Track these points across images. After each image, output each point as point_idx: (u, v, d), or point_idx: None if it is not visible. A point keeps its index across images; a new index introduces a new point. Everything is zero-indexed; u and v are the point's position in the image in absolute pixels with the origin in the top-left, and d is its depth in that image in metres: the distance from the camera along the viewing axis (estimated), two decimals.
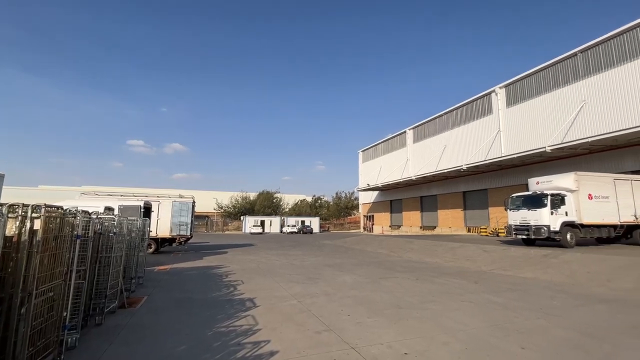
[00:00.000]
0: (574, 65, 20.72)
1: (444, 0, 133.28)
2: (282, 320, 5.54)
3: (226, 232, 52.63)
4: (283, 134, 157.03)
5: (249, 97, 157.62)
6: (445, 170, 27.28)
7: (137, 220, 8.40)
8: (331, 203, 70.26)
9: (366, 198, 46.66)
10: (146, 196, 16.63)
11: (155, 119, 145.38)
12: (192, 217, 17.37)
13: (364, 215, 48.01)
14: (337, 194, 69.58)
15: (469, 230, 27.82)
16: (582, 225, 13.34)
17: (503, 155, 23.63)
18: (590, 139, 17.04)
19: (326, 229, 58.55)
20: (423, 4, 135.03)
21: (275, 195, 63.53)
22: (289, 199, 67.81)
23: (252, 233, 44.70)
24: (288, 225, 48.32)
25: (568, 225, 13.10)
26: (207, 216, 58.01)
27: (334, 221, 64.12)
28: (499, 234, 22.66)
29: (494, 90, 26.33)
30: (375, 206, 44.36)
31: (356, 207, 61.73)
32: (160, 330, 5.12)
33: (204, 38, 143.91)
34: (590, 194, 13.50)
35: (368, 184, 40.79)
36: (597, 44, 19.47)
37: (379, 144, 44.19)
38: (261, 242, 26.54)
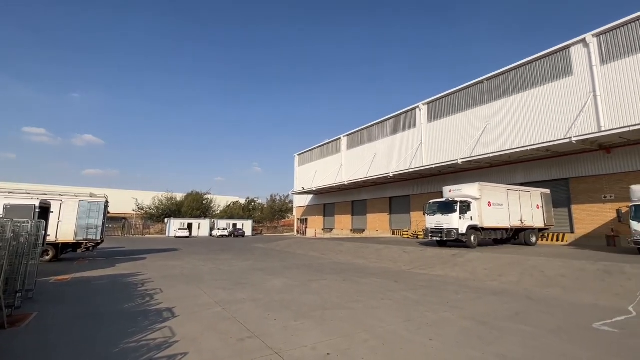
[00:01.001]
0: (480, 90, 24.09)
1: (384, 21, 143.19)
2: (204, 329, 5.22)
3: (147, 235, 47.78)
4: (217, 131, 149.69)
5: (179, 87, 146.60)
6: (375, 177, 29.11)
7: (29, 223, 7.07)
8: (265, 206, 69.18)
9: (301, 201, 47.12)
10: (44, 194, 14.16)
11: (62, 105, 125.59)
12: (104, 219, 15.34)
13: (298, 219, 48.37)
14: (272, 196, 68.88)
15: (393, 233, 30.06)
16: (483, 229, 15.49)
17: (424, 165, 26.18)
18: (490, 155, 19.95)
19: (259, 232, 57.34)
20: (361, 21, 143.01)
21: (206, 196, 59.97)
22: (220, 201, 64.70)
23: (177, 237, 41.41)
24: (219, 229, 45.96)
25: (472, 229, 15.09)
26: (125, 218, 51.96)
27: (267, 224, 63.18)
28: (418, 237, 24.96)
29: (417, 106, 29.09)
30: (309, 209, 45.06)
31: (291, 210, 61.87)
32: (49, 352, 4.38)
33: (129, 18, 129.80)
34: (489, 202, 15.77)
35: (303, 188, 41.27)
36: (499, 75, 22.97)
37: (315, 148, 45.13)
38: (187, 247, 24.74)
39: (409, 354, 4.21)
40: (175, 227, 44.59)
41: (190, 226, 46.31)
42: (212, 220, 50.24)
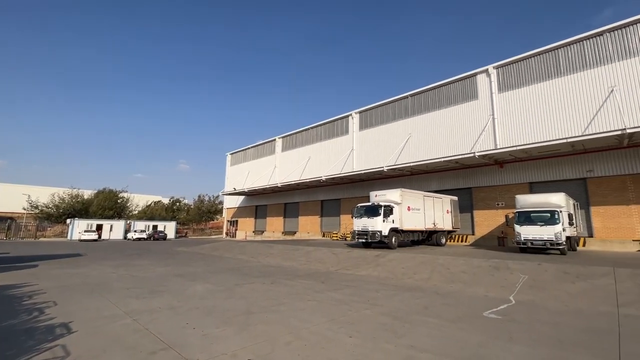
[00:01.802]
0: (405, 105, 26.42)
1: (321, 35, 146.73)
2: (108, 345, 4.63)
3: (41, 239, 40.47)
4: (138, 123, 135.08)
5: (91, 60, 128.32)
6: (308, 180, 29.61)
7: None
8: (192, 206, 64.75)
9: (232, 202, 45.31)
10: None
11: None
12: None
13: (228, 220, 46.40)
14: (199, 196, 64.83)
15: (323, 235, 30.91)
16: (403, 231, 16.94)
17: (354, 170, 27.57)
18: (411, 164, 22.00)
19: (184, 234, 53.35)
20: (300, 34, 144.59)
21: (121, 194, 53.55)
22: (139, 200, 58.51)
23: (82, 240, 36.01)
24: (135, 231, 41.35)
25: (393, 231, 16.39)
26: (12, 218, 43.31)
27: (194, 226, 59.20)
28: (346, 239, 26.13)
29: (350, 115, 30.56)
30: (241, 211, 43.61)
31: (220, 211, 59.07)
32: None
33: None
34: (409, 206, 17.34)
35: (234, 188, 39.78)
36: (421, 92, 25.49)
37: (249, 148, 43.98)
38: (95, 252, 21.70)
39: (329, 353, 4.36)
40: (80, 228, 38.72)
41: (100, 228, 40.76)
42: (128, 222, 45.05)
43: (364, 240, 16.60)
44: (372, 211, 16.52)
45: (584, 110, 17.62)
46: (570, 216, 14.29)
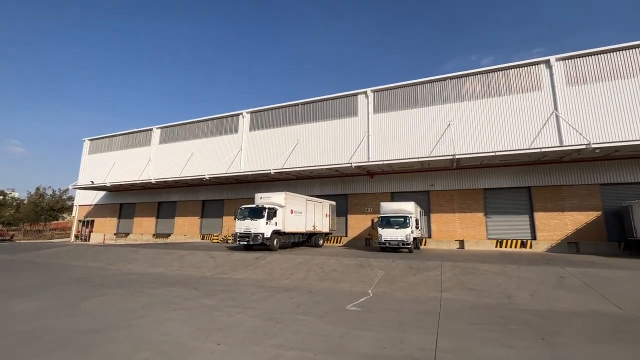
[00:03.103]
0: (296, 111, 27.48)
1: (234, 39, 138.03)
2: None
3: None
4: None
5: None
6: (189, 178, 27.16)
7: None
8: (25, 202, 50.30)
9: (87, 199, 37.28)
10: None
11: None
12: None
13: (80, 220, 37.92)
14: (38, 189, 50.90)
15: (203, 238, 28.85)
16: (285, 233, 17.44)
17: (241, 171, 26.87)
18: (297, 169, 23.01)
19: (9, 237, 40.74)
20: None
21: None
22: None
23: None
24: None
25: (276, 233, 16.70)
26: None
27: (25, 227, 45.97)
28: (228, 241, 25.11)
29: (241, 113, 29.75)
30: (99, 209, 36.37)
31: (69, 209, 47.81)
32: None
33: None
34: (292, 209, 18.01)
35: (92, 182, 32.88)
36: (311, 102, 26.99)
37: (117, 135, 37.30)
38: None
39: None
40: None
41: None
42: None
43: (245, 243, 16.30)
44: (256, 213, 16.43)
45: (430, 137, 22.11)
46: (417, 221, 17.62)
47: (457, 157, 18.26)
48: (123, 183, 30.25)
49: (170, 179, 27.93)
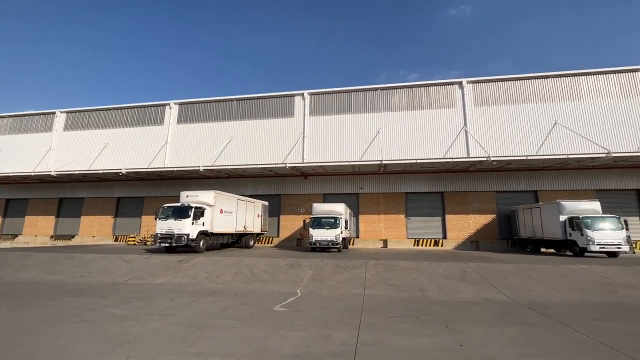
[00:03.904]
0: (230, 107, 26.37)
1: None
2: None
3: None
4: None
5: None
6: (101, 171, 23.91)
7: None
8: None
9: None
10: None
11: None
12: None
13: None
14: None
15: (116, 240, 25.70)
16: (212, 234, 16.56)
17: (166, 166, 24.72)
18: (229, 167, 22.09)
19: None
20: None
21: None
22: None
23: None
24: None
25: (202, 234, 15.75)
26: None
27: None
28: (147, 243, 22.83)
29: (169, 104, 27.39)
30: None
31: None
32: None
33: None
34: (222, 209, 17.20)
35: None
36: (246, 99, 26.18)
37: (6, 117, 30.97)
38: None
39: None
40: None
41: None
42: None
43: (167, 245, 15.02)
44: (181, 212, 15.28)
45: (361, 142, 23.39)
46: (346, 222, 18.42)
47: (384, 162, 19.64)
48: (12, 175, 25.21)
49: (76, 172, 24.21)
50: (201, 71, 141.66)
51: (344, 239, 18.03)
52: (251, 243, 20.49)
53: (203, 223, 15.70)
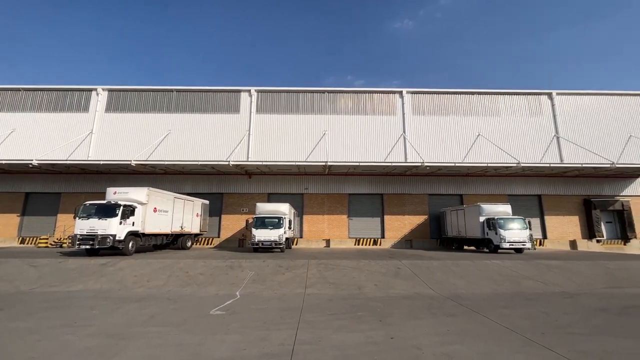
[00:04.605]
0: (169, 98, 24.54)
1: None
2: None
3: None
4: None
5: None
6: (5, 162, 20.38)
7: None
8: None
9: None
10: None
11: None
12: None
13: None
14: None
15: (23, 242, 22.13)
16: (145, 234, 15.23)
17: (90, 159, 22.07)
18: (167, 162, 20.53)
19: None
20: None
21: None
22: None
23: None
24: None
25: (132, 234, 14.38)
26: None
27: None
28: (63, 245, 20.09)
29: (96, 89, 24.50)
30: None
31: None
32: None
33: None
34: (156, 208, 15.90)
35: None
36: (187, 91, 24.62)
37: None
38: None
39: None
40: None
41: None
42: None
43: (88, 247, 13.40)
44: (107, 211, 13.76)
45: (307, 143, 23.60)
46: (290, 222, 18.42)
47: (329, 164, 20.09)
48: None
49: None
50: (138, 59, 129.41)
51: (287, 239, 17.99)
52: (189, 244, 19.30)
53: (133, 223, 14.34)
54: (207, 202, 21.30)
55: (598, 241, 22.39)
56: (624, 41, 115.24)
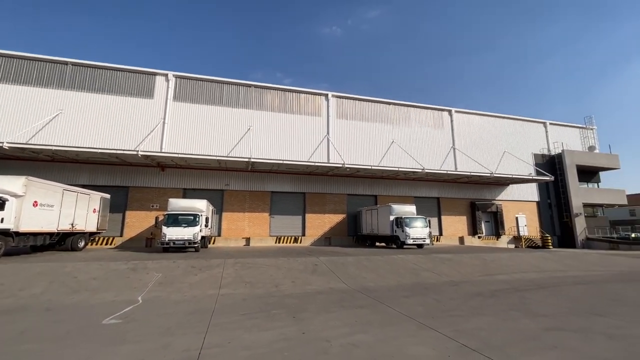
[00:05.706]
0: (61, 72, 20.69)
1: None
2: None
3: None
4: None
5: None
6: None
7: None
8: None
9: None
10: None
11: None
12: None
13: None
14: None
15: None
16: (19, 233, 12.51)
17: None
18: (55, 147, 17.25)
19: None
20: None
21: None
22: None
23: None
24: None
25: (1, 234, 11.69)
26: None
27: None
28: None
29: None
30: None
31: None
32: None
33: None
34: (36, 202, 13.21)
35: None
36: (82, 65, 21.12)
37: None
38: None
39: None
40: None
41: None
42: None
43: None
44: None
45: (230, 137, 22.65)
46: (207, 219, 17.38)
47: (252, 160, 19.61)
48: None
49: None
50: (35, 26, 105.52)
51: (203, 237, 16.94)
52: (81, 244, 16.53)
53: (2, 219, 11.65)
54: (107, 196, 18.59)
55: (479, 237, 26.90)
56: (505, 69, 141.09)
